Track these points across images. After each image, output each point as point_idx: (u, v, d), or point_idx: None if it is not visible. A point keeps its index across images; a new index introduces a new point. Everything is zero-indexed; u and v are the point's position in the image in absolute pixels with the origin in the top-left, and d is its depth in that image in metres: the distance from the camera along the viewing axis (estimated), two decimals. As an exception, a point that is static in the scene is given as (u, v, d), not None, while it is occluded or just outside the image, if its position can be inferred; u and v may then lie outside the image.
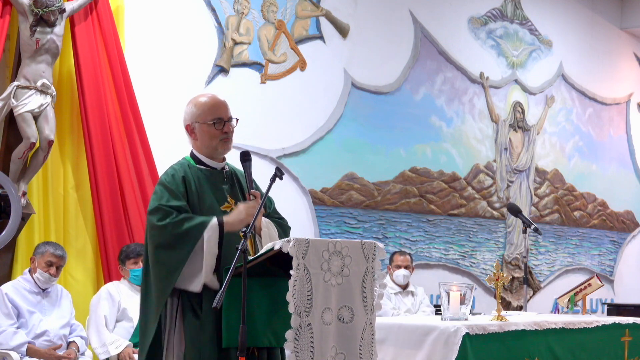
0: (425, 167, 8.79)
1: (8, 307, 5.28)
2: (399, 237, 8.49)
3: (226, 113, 3.89)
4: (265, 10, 7.44)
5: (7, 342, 5.20)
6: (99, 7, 6.06)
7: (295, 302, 3.44)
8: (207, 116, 3.85)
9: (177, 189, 3.74)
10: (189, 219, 3.67)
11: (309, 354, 3.47)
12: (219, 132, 3.85)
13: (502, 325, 4.74)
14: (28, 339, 5.26)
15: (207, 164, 3.90)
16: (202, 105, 3.88)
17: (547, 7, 10.44)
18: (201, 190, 3.81)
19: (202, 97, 3.95)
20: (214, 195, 3.83)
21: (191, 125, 3.89)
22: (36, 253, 5.44)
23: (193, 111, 3.89)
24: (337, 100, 7.98)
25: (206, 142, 3.87)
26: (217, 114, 3.86)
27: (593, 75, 11.10)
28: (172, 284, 3.65)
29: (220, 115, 3.86)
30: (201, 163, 3.90)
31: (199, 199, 3.78)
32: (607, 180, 11.30)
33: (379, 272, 3.77)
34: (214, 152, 3.90)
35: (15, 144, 5.68)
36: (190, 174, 3.82)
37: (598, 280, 6.18)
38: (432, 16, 8.89)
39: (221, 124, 3.85)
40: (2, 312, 5.27)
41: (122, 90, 6.13)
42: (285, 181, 4.21)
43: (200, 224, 3.66)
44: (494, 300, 6.08)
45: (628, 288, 11.49)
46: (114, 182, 6.02)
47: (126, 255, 5.83)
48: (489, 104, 9.58)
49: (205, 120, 3.85)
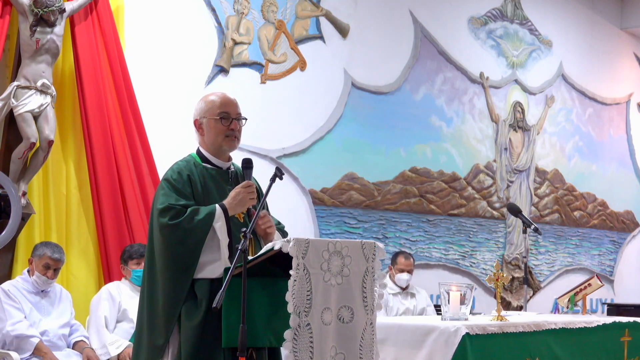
0: (425, 167, 8.79)
1: (16, 302, 5.30)
2: (399, 237, 8.49)
3: (234, 110, 3.90)
4: (265, 10, 7.44)
5: (24, 331, 5.21)
6: (99, 7, 6.05)
7: (295, 302, 3.44)
8: (215, 111, 3.87)
9: (184, 189, 3.74)
10: (197, 212, 3.67)
11: (308, 354, 3.47)
12: (225, 129, 3.86)
13: (502, 325, 4.73)
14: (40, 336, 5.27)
15: (213, 163, 3.90)
16: (212, 101, 3.90)
17: (547, 7, 10.44)
18: (206, 191, 3.81)
19: (213, 94, 3.97)
20: (218, 196, 3.82)
21: (199, 120, 3.89)
22: (34, 255, 5.43)
23: (202, 106, 3.90)
24: (337, 100, 7.98)
25: (212, 138, 3.88)
26: (224, 109, 3.88)
27: (593, 75, 11.10)
28: (191, 277, 3.65)
29: (228, 111, 3.87)
30: (207, 161, 3.90)
31: (204, 199, 3.78)
32: (607, 180, 11.30)
33: (379, 272, 3.76)
34: (219, 150, 3.90)
35: (15, 144, 5.67)
36: (196, 173, 3.82)
37: (598, 280, 6.18)
38: (432, 16, 8.89)
39: (228, 120, 3.85)
40: (13, 306, 5.28)
41: (122, 90, 6.13)
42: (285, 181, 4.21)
43: (208, 215, 3.66)
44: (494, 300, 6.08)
45: (628, 288, 11.48)
46: (114, 182, 6.02)
47: (129, 255, 5.82)
48: (489, 104, 9.58)
49: (212, 115, 3.86)
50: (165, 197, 3.70)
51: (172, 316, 3.66)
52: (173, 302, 3.65)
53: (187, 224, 3.64)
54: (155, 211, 3.71)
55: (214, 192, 3.83)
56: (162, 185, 3.78)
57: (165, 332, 3.67)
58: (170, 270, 3.65)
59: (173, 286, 3.65)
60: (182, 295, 3.64)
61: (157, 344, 3.68)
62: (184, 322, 3.66)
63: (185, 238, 3.64)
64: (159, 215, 3.67)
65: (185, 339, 3.64)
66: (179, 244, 3.64)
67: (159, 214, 3.67)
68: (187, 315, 3.65)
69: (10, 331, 5.20)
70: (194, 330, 3.62)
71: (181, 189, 3.73)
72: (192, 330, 3.63)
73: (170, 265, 3.65)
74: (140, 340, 3.79)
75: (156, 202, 3.73)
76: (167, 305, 3.66)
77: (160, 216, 3.66)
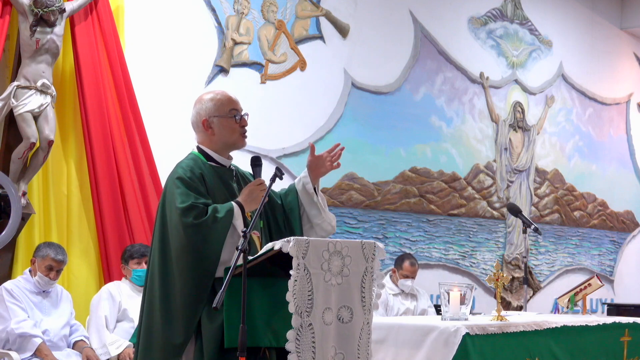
0: (425, 167, 8.79)
1: (20, 301, 5.30)
2: (399, 237, 8.49)
3: (240, 106, 3.95)
4: (265, 10, 7.44)
5: (28, 330, 5.21)
6: (99, 7, 6.06)
7: (296, 302, 3.43)
8: (225, 108, 3.89)
9: (200, 187, 3.74)
10: (217, 210, 3.67)
11: (311, 354, 3.46)
12: (238, 126, 3.89)
13: (502, 326, 4.73)
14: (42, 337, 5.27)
15: (217, 161, 3.91)
16: (218, 100, 3.91)
17: (547, 7, 10.44)
18: (215, 188, 3.81)
19: (215, 93, 3.97)
20: (227, 193, 3.83)
21: (209, 120, 3.88)
22: (37, 255, 5.43)
23: (209, 106, 3.89)
24: (337, 100, 7.99)
25: (226, 136, 3.89)
26: (233, 106, 3.91)
27: (593, 75, 11.10)
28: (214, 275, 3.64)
29: (237, 108, 3.92)
30: (211, 160, 3.90)
31: (214, 197, 3.78)
32: (607, 180, 11.30)
33: (378, 272, 3.76)
34: (231, 147, 3.92)
35: (15, 144, 5.68)
36: (205, 170, 3.82)
37: (598, 280, 6.18)
38: (432, 16, 8.89)
39: (239, 116, 3.89)
40: (17, 305, 5.28)
41: (122, 90, 6.13)
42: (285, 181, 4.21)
43: (228, 213, 3.67)
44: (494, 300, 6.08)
45: (628, 288, 11.48)
46: (114, 182, 6.02)
47: (130, 255, 5.82)
48: (489, 104, 9.58)
49: (223, 113, 3.88)
50: (186, 196, 3.67)
51: (194, 315, 3.62)
52: (195, 301, 3.62)
53: (212, 222, 3.63)
54: (176, 210, 3.65)
55: (222, 189, 3.84)
56: (176, 184, 3.73)
57: (185, 331, 3.63)
58: (194, 269, 3.62)
59: (195, 285, 3.62)
60: (205, 294, 3.62)
61: (175, 342, 3.64)
62: (206, 323, 3.62)
63: (209, 236, 3.62)
64: (181, 214, 3.63)
65: (208, 340, 3.61)
66: (204, 243, 3.62)
67: (181, 213, 3.64)
68: (208, 316, 3.62)
69: (15, 329, 5.20)
70: (217, 331, 3.59)
71: (197, 187, 3.73)
72: (214, 331, 3.59)
73: (193, 265, 3.62)
74: (151, 339, 3.73)
75: (174, 202, 3.68)
76: (187, 305, 3.62)
77: (183, 216, 3.63)
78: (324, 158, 4.10)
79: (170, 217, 3.70)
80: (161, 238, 3.73)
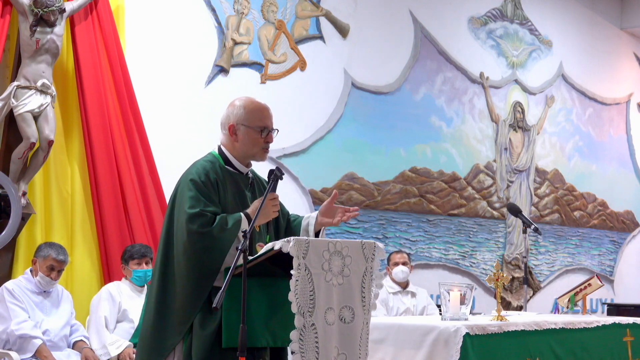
0: (425, 167, 8.79)
1: (20, 301, 5.30)
2: (399, 237, 8.49)
3: (272, 123, 3.93)
4: (265, 10, 7.44)
5: (28, 331, 5.21)
6: (99, 7, 6.05)
7: (298, 302, 3.43)
8: (256, 122, 3.88)
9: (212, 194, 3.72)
10: (225, 221, 3.66)
11: (314, 355, 3.46)
12: (262, 141, 3.88)
13: (502, 325, 4.73)
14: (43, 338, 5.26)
15: (236, 167, 3.90)
16: (252, 110, 3.90)
17: (547, 7, 10.44)
18: (227, 195, 3.80)
19: (250, 101, 3.95)
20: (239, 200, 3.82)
21: (235, 126, 3.87)
22: (38, 255, 5.42)
23: (241, 112, 3.89)
24: (337, 100, 7.98)
25: (247, 148, 3.88)
26: (265, 122, 3.90)
27: (593, 75, 11.10)
28: (212, 284, 3.64)
29: (267, 125, 3.90)
30: (229, 163, 3.89)
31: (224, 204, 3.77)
32: (607, 180, 11.30)
33: (377, 272, 3.76)
34: (250, 158, 3.92)
35: (15, 144, 5.67)
36: (220, 175, 3.81)
37: (598, 280, 6.17)
38: (432, 16, 8.89)
39: (266, 134, 3.87)
40: (17, 306, 5.28)
41: (122, 90, 6.13)
42: (285, 181, 4.21)
43: (236, 224, 3.67)
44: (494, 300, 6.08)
45: (628, 288, 11.48)
46: (114, 181, 6.02)
47: (130, 255, 5.82)
48: (489, 104, 9.58)
49: (252, 124, 3.87)
50: (196, 201, 3.66)
51: (187, 320, 3.64)
52: (190, 307, 3.64)
53: (217, 232, 3.63)
54: (184, 215, 3.65)
55: (234, 196, 3.83)
56: (188, 185, 3.72)
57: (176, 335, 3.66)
58: (193, 276, 3.63)
59: (192, 292, 3.63)
60: (200, 302, 3.63)
61: (164, 344, 3.67)
62: (197, 330, 3.63)
63: (212, 246, 3.62)
64: (188, 220, 3.63)
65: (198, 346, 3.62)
66: (206, 252, 3.62)
67: (188, 219, 3.63)
68: (200, 323, 3.64)
69: (15, 330, 5.20)
70: (208, 337, 3.60)
71: (209, 194, 3.71)
72: (205, 338, 3.61)
73: (193, 271, 3.63)
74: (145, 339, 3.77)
75: (183, 205, 3.68)
76: (183, 309, 3.64)
77: (189, 222, 3.63)
78: (337, 211, 4.01)
79: (178, 218, 3.71)
80: (165, 240, 3.76)
